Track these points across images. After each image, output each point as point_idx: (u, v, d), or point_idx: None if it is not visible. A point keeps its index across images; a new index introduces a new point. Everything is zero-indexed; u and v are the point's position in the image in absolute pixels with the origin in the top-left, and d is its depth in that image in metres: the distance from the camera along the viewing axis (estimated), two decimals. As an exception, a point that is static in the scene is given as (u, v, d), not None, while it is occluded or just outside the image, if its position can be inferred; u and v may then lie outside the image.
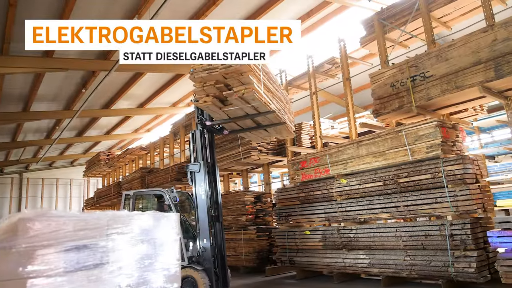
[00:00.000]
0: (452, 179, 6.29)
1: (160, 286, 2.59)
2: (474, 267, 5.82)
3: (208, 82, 6.47)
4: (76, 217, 2.35)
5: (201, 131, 7.33)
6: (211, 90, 6.53)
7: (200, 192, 7.02)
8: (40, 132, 19.78)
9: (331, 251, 8.15)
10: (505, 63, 5.84)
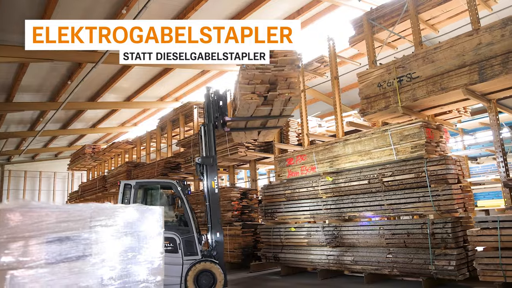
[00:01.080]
0: (435, 179, 6.40)
1: (144, 279, 2.59)
2: (454, 265, 5.94)
3: (254, 80, 6.87)
4: (58, 208, 2.33)
5: (213, 126, 7.58)
6: (258, 89, 7.00)
7: (213, 185, 7.18)
8: (24, 124, 19.47)
9: (315, 248, 8.23)
10: (488, 66, 5.95)
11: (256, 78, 6.98)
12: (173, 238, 6.72)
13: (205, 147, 7.48)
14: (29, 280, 2.22)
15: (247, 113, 7.58)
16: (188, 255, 6.73)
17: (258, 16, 10.24)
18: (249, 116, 7.68)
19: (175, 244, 6.71)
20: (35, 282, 2.23)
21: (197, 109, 13.88)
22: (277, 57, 7.11)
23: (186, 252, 6.74)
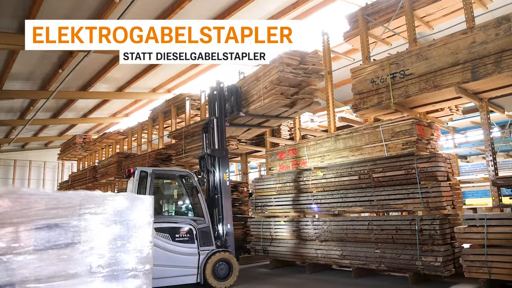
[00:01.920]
0: (424, 176, 6.44)
1: (132, 267, 2.59)
2: (440, 261, 6.00)
3: (284, 82, 7.30)
4: (48, 195, 2.31)
5: (224, 119, 7.80)
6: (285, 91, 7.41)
7: (225, 177, 7.36)
8: (13, 112, 19.23)
9: (304, 242, 8.27)
10: (481, 65, 5.99)
11: (286, 81, 7.33)
12: (190, 229, 6.81)
13: (218, 139, 7.62)
14: (17, 266, 2.20)
15: (267, 111, 7.94)
16: (203, 246, 6.83)
17: (250, 11, 10.21)
18: (262, 114, 8.04)
19: (192, 235, 6.79)
20: (23, 268, 2.22)
21: (189, 101, 13.82)
22: (308, 65, 7.52)
23: (202, 243, 6.83)
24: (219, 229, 7.21)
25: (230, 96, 7.97)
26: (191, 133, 11.93)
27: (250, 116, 8.15)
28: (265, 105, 7.56)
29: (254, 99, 7.92)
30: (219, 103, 7.88)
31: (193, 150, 11.76)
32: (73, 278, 2.35)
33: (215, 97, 8.00)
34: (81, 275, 2.40)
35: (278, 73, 7.19)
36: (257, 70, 8.20)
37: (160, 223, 6.49)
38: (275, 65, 7.35)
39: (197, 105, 13.90)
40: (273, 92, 7.30)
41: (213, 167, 7.50)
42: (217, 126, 7.73)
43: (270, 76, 7.46)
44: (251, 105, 8.07)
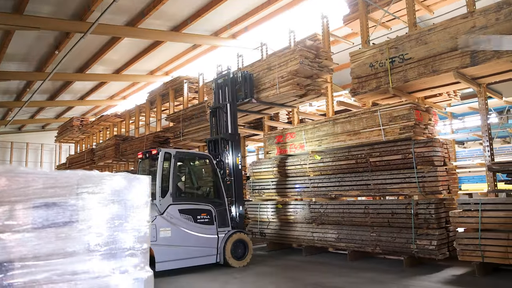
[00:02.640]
0: (421, 161, 6.48)
1: (130, 246, 2.62)
2: (435, 244, 6.08)
3: (299, 74, 7.71)
4: (45, 174, 2.32)
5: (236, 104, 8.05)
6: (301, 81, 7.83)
7: (237, 161, 7.65)
8: (10, 94, 19.10)
9: (301, 225, 8.35)
10: (481, 50, 5.95)
11: (302, 73, 7.74)
12: (209, 210, 7.01)
13: (231, 124, 7.82)
14: (16, 244, 2.23)
15: (278, 99, 8.34)
16: (221, 227, 7.07)
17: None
18: (272, 102, 8.42)
19: (211, 216, 7.00)
20: (21, 246, 2.25)
21: (187, 83, 13.75)
22: (321, 59, 8.00)
23: (220, 224, 7.07)
24: (233, 211, 7.47)
25: (244, 83, 8.15)
26: (189, 116, 11.90)
27: (260, 103, 8.46)
28: (280, 93, 7.93)
29: (266, 87, 8.26)
30: (232, 89, 8.06)
31: (191, 133, 11.75)
32: (71, 256, 2.38)
33: (226, 82, 8.16)
34: (79, 253, 2.43)
35: (298, 65, 7.58)
36: (268, 59, 8.49)
37: (183, 204, 6.73)
38: (294, 57, 7.67)
39: (195, 88, 13.84)
40: (291, 82, 7.67)
41: (226, 151, 7.70)
42: (230, 111, 7.90)
43: (288, 66, 7.81)
44: (262, 93, 8.38)
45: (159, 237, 6.25)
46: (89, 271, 2.46)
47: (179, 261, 6.47)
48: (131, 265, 2.61)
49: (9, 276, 2.17)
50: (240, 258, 7.12)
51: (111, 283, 2.52)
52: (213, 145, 8.03)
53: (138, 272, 2.64)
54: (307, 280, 5.79)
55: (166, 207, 6.51)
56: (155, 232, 6.19)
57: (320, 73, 7.92)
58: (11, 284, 2.18)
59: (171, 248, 6.37)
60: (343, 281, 5.65)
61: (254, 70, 8.72)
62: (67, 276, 2.35)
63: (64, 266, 2.35)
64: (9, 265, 2.18)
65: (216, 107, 8.23)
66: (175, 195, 6.68)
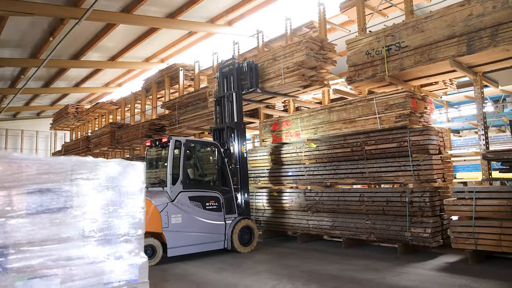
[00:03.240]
0: (416, 149, 6.51)
1: (125, 232, 2.63)
2: (429, 232, 6.14)
3: (304, 65, 7.81)
4: (39, 160, 2.31)
5: (241, 93, 8.15)
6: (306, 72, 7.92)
7: (243, 149, 7.75)
8: (4, 81, 18.92)
9: (296, 212, 8.39)
10: (477, 38, 5.94)
11: (308, 64, 7.83)
12: (217, 197, 7.17)
13: (237, 112, 7.92)
14: (10, 229, 2.23)
15: (282, 90, 8.48)
16: (228, 213, 7.25)
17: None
18: (275, 92, 8.57)
19: (219, 203, 7.16)
20: (16, 232, 2.25)
21: (183, 71, 13.67)
22: (326, 51, 8.08)
23: (227, 210, 7.25)
24: (239, 198, 7.62)
25: (250, 72, 8.21)
26: (185, 103, 11.86)
27: (265, 93, 8.58)
28: (285, 84, 8.03)
29: (271, 77, 8.38)
30: (238, 78, 8.15)
31: (186, 121, 11.73)
32: (66, 242, 2.39)
33: (231, 72, 8.23)
34: (74, 239, 2.43)
35: (305, 56, 7.66)
36: (274, 50, 8.54)
37: (192, 191, 6.87)
38: (300, 48, 7.74)
39: (190, 75, 13.76)
40: (296, 73, 7.78)
41: (231, 139, 7.82)
42: (236, 100, 8.00)
43: (294, 57, 7.88)
44: (266, 82, 8.45)
45: (171, 223, 6.41)
46: (84, 257, 2.47)
47: (189, 247, 6.64)
48: (126, 251, 2.62)
49: (4, 261, 2.18)
50: (247, 244, 7.32)
51: (105, 268, 2.53)
52: (218, 134, 8.16)
53: (133, 258, 2.65)
54: (302, 268, 5.85)
55: (176, 194, 6.66)
56: (166, 219, 6.35)
57: (323, 65, 8.05)
58: (6, 269, 2.19)
59: (182, 234, 6.53)
60: (338, 269, 5.70)
61: (258, 60, 8.77)
62: (62, 261, 2.36)
63: (59, 251, 2.36)
64: (4, 250, 2.19)
65: (221, 96, 8.33)
66: (185, 182, 6.80)
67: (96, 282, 2.47)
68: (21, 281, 2.23)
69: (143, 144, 15.40)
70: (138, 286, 2.59)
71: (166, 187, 6.65)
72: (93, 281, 2.46)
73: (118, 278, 2.55)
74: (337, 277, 5.22)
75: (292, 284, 4.91)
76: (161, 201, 6.44)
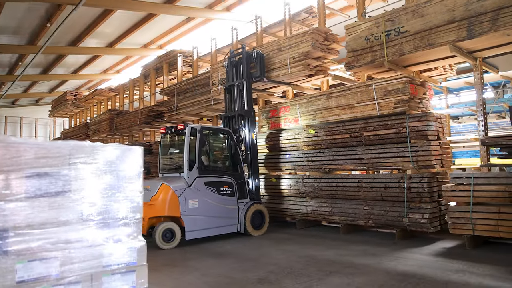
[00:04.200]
0: (415, 135, 6.51)
1: (124, 216, 2.65)
2: (427, 218, 6.18)
3: (310, 55, 7.96)
4: (37, 145, 2.31)
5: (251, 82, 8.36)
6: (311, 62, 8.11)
7: (253, 136, 8.01)
8: (2, 67, 18.83)
9: (295, 198, 8.43)
10: (478, 23, 5.89)
11: (313, 54, 7.97)
12: (230, 183, 7.42)
13: (247, 100, 8.14)
14: (9, 213, 2.24)
15: (287, 79, 8.64)
16: (240, 198, 7.51)
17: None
18: (280, 81, 8.73)
19: (232, 188, 7.41)
20: (15, 215, 2.27)
21: (181, 57, 13.59)
22: (330, 41, 8.18)
23: (239, 195, 7.50)
24: (250, 183, 7.90)
25: (258, 61, 8.44)
26: (183, 90, 11.82)
27: (271, 82, 8.73)
28: (291, 73, 8.21)
29: (277, 67, 8.58)
30: (247, 67, 8.34)
31: (185, 107, 11.70)
32: (65, 225, 2.41)
33: (241, 60, 8.41)
34: (73, 222, 2.45)
35: (311, 46, 7.80)
36: (280, 40, 8.70)
37: (207, 177, 7.11)
38: (306, 39, 7.92)
39: (189, 61, 13.69)
40: (302, 63, 7.96)
41: (242, 126, 8.08)
42: (246, 88, 8.20)
43: (300, 48, 8.05)
44: (272, 72, 8.62)
45: (188, 208, 6.70)
46: (83, 240, 2.49)
47: (205, 231, 6.91)
48: (125, 234, 2.64)
49: (3, 244, 2.21)
50: (258, 227, 7.57)
51: (104, 252, 2.56)
52: (228, 121, 8.38)
53: (131, 241, 2.67)
54: (300, 253, 5.89)
55: (193, 179, 6.89)
56: (184, 204, 6.65)
57: (327, 55, 8.17)
58: (6, 251, 2.21)
59: (199, 218, 6.81)
60: (335, 254, 5.75)
61: (263, 50, 8.90)
62: (61, 244, 2.38)
63: (58, 234, 2.37)
64: (3, 233, 2.21)
65: (230, 84, 8.52)
66: (200, 168, 7.01)
67: (95, 265, 2.49)
68: (21, 263, 2.25)
69: (142, 130, 15.41)
70: (136, 268, 2.62)
71: (183, 173, 6.90)
72: (92, 263, 2.49)
73: (117, 261, 2.57)
74: (335, 262, 5.27)
75: (290, 269, 4.96)
76: (179, 186, 6.69)
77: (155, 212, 6.53)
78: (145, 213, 6.51)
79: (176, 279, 4.72)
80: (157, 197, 6.51)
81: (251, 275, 4.75)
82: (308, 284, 4.31)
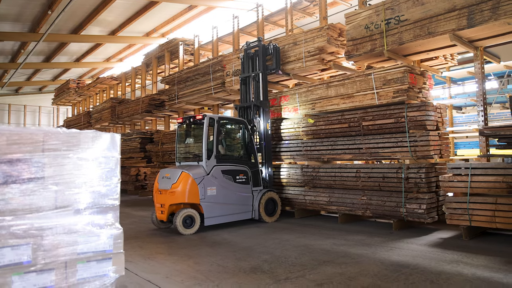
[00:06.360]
0: (413, 125, 6.44)
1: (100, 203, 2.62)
2: (424, 208, 6.14)
3: (324, 50, 8.10)
4: (9, 130, 2.28)
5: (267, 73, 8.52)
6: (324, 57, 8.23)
7: (267, 126, 8.17)
8: (4, 55, 18.84)
9: (293, 188, 8.41)
10: (478, 11, 5.78)
11: (327, 49, 8.13)
12: (245, 171, 7.60)
13: (263, 92, 8.28)
14: (-22, 200, 2.23)
15: (300, 72, 8.75)
16: (255, 186, 7.73)
17: None
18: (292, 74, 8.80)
19: (247, 176, 7.61)
20: (-16, 202, 2.24)
21: (183, 46, 13.51)
22: (344, 37, 8.13)
23: (254, 183, 7.71)
24: (263, 172, 8.11)
25: (274, 54, 8.56)
26: (184, 78, 11.77)
27: (285, 74, 8.84)
28: (306, 67, 8.34)
29: (291, 60, 8.69)
30: (263, 59, 8.45)
31: (186, 96, 11.66)
32: (37, 212, 2.39)
33: (257, 53, 8.52)
34: (46, 209, 2.43)
35: (326, 42, 7.90)
36: (295, 35, 8.76)
37: (224, 166, 7.30)
38: (321, 34, 8.01)
39: (190, 50, 13.61)
40: (317, 57, 8.09)
41: (257, 116, 8.22)
42: (262, 79, 8.32)
43: (315, 42, 8.15)
44: (286, 65, 8.72)
45: (207, 195, 6.91)
46: (57, 227, 2.47)
47: (222, 217, 7.15)
48: (101, 222, 2.63)
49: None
50: (271, 214, 7.80)
51: (79, 239, 2.54)
52: (243, 111, 8.51)
53: (107, 228, 2.65)
54: (296, 242, 5.88)
55: (211, 168, 7.08)
56: (203, 191, 6.86)
57: (340, 50, 8.25)
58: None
59: (216, 205, 7.04)
60: (331, 243, 5.74)
61: (280, 43, 8.95)
62: (33, 231, 2.36)
63: (31, 221, 2.36)
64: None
65: (246, 76, 8.62)
66: (218, 157, 7.19)
67: (69, 252, 2.48)
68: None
69: (143, 119, 15.40)
70: (112, 256, 2.61)
71: (202, 162, 7.07)
72: (66, 251, 2.48)
73: (92, 249, 2.56)
74: (330, 251, 5.25)
75: (284, 258, 4.95)
76: (198, 174, 6.86)
77: (176, 199, 6.69)
78: (165, 200, 6.75)
79: (168, 267, 4.73)
80: (177, 185, 6.67)
81: (245, 264, 4.75)
82: (301, 273, 4.30)
